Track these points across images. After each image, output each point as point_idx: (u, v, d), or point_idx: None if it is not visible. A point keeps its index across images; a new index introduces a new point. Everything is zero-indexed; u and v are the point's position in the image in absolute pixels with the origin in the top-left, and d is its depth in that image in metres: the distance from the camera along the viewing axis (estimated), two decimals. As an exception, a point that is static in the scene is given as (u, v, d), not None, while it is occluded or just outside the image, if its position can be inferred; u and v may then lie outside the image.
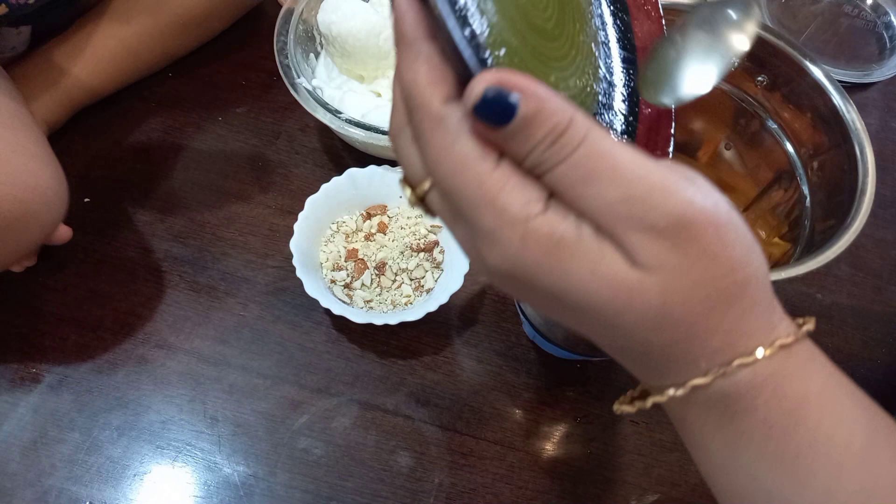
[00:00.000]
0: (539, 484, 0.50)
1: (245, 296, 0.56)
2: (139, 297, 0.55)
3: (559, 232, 0.21)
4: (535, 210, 0.21)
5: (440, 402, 0.53)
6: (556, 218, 0.21)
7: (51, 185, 0.48)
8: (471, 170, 0.21)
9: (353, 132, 0.54)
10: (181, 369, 0.52)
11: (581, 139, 0.20)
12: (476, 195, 0.21)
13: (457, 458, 0.51)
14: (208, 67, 0.69)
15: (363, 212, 0.58)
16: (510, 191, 0.21)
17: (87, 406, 0.50)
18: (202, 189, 0.61)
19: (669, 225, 0.21)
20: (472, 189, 0.21)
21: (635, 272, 0.21)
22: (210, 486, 0.48)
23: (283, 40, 0.58)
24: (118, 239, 0.55)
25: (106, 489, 0.47)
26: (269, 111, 0.67)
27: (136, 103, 0.66)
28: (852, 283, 0.62)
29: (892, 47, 0.77)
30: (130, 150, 0.63)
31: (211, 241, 0.58)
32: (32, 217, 0.46)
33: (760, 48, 0.41)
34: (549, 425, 0.53)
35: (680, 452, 0.53)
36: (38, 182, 0.47)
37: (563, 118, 0.20)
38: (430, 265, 0.56)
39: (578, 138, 0.20)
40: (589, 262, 0.21)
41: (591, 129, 0.20)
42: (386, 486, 0.49)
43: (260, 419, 0.51)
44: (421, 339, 0.55)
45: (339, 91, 0.61)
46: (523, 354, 0.55)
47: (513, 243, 0.21)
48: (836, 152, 0.38)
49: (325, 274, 0.54)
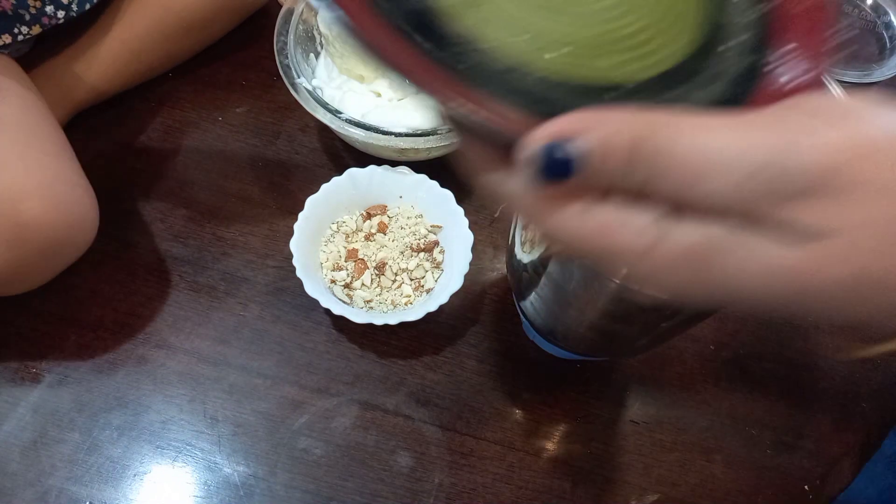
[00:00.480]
0: (539, 484, 0.50)
1: (245, 296, 0.56)
2: (139, 297, 0.55)
3: (700, 241, 0.19)
4: (663, 231, 0.19)
5: (440, 402, 0.53)
6: (690, 228, 0.19)
7: (89, 211, 0.51)
8: (578, 228, 0.20)
9: (353, 132, 0.54)
10: (181, 369, 0.52)
11: (662, 143, 0.18)
12: (601, 247, 0.20)
13: (457, 458, 0.51)
14: (208, 67, 0.69)
15: (363, 212, 0.58)
16: (627, 227, 0.19)
17: (87, 406, 0.50)
18: (202, 189, 0.61)
19: (816, 181, 0.17)
20: (593, 244, 0.20)
21: (806, 250, 0.18)
22: (210, 486, 0.48)
23: (283, 40, 0.58)
24: (118, 239, 0.55)
25: (106, 489, 0.47)
26: (270, 111, 0.67)
27: (137, 103, 0.66)
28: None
29: (892, 47, 0.78)
30: (130, 149, 0.63)
31: (211, 241, 0.59)
32: (72, 241, 0.50)
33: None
34: (550, 425, 0.53)
35: (680, 452, 0.53)
36: (80, 209, 0.50)
37: (626, 135, 0.18)
38: (431, 265, 0.56)
39: (657, 144, 0.18)
40: (752, 259, 0.18)
41: (667, 125, 0.18)
42: (386, 486, 0.49)
43: (260, 419, 0.51)
44: (421, 339, 0.55)
45: (339, 91, 0.61)
46: (523, 354, 0.55)
47: (659, 270, 0.19)
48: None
49: (326, 274, 0.54)
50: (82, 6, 0.55)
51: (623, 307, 0.39)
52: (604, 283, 0.37)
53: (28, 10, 0.51)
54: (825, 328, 0.60)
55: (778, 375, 0.57)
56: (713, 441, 0.53)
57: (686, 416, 0.54)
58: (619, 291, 0.37)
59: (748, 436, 0.54)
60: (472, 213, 0.62)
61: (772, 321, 0.59)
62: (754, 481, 0.52)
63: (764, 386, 0.56)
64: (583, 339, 0.47)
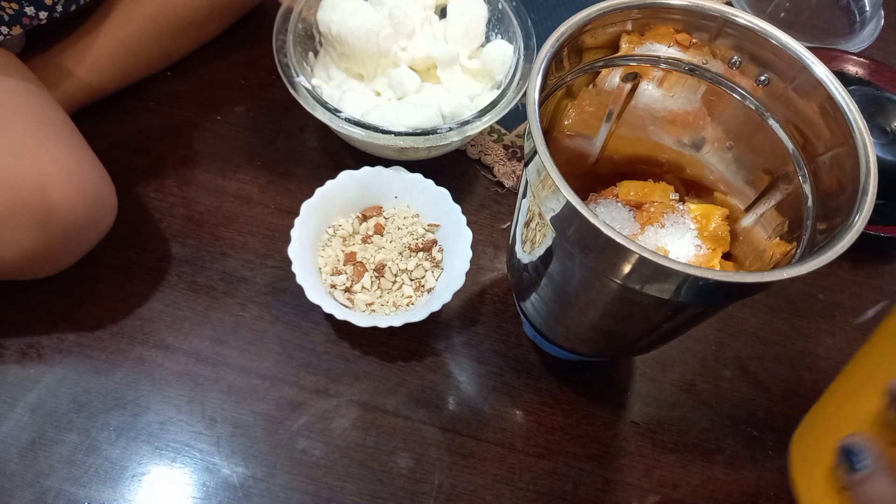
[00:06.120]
0: (539, 485, 0.50)
1: (244, 296, 0.56)
2: (137, 298, 0.55)
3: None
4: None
5: (440, 402, 0.53)
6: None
7: (109, 194, 0.52)
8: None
9: (353, 131, 0.53)
10: (179, 370, 0.52)
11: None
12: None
13: (457, 459, 0.50)
14: (207, 66, 0.69)
15: (359, 214, 0.57)
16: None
17: (85, 407, 0.50)
18: (201, 188, 0.61)
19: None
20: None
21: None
22: (209, 488, 0.48)
23: (282, 39, 0.57)
24: (117, 239, 0.55)
25: (104, 490, 0.47)
26: (269, 110, 0.66)
27: (135, 102, 0.65)
28: (854, 283, 0.62)
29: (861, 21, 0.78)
30: (129, 149, 0.63)
31: (209, 241, 0.58)
32: (95, 224, 0.51)
33: (762, 47, 0.41)
34: (550, 426, 0.53)
35: (681, 453, 0.52)
36: (100, 193, 0.51)
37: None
38: (430, 264, 0.55)
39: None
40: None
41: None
42: (385, 488, 0.49)
43: (259, 420, 0.51)
44: (421, 339, 0.55)
45: (339, 90, 0.61)
46: (524, 355, 0.55)
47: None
48: (838, 151, 0.38)
49: (325, 279, 0.54)
50: (68, 7, 0.54)
51: (624, 307, 0.39)
52: (605, 284, 0.37)
53: (5, 10, 0.50)
54: (826, 328, 0.59)
55: (779, 376, 0.56)
56: (714, 442, 0.53)
57: (687, 417, 0.54)
58: (621, 292, 0.37)
59: (750, 437, 0.54)
60: (471, 211, 0.62)
61: (773, 322, 0.59)
62: (756, 482, 0.52)
63: (765, 387, 0.56)
64: (584, 339, 0.47)
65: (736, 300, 0.51)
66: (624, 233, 0.37)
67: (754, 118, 0.44)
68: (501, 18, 0.64)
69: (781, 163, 0.43)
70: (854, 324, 0.60)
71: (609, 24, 0.42)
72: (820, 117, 0.40)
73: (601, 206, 0.48)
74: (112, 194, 0.53)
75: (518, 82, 0.58)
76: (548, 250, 0.40)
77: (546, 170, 0.33)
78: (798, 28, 0.78)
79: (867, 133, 0.37)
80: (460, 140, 0.57)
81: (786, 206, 0.43)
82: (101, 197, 0.51)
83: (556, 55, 0.38)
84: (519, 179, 0.64)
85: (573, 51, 0.42)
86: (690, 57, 0.44)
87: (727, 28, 0.41)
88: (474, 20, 0.63)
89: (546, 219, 0.36)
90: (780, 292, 0.60)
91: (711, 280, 0.31)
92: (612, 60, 0.44)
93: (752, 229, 0.46)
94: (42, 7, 0.52)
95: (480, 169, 0.65)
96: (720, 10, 0.41)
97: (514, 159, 0.66)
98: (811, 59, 0.39)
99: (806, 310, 0.60)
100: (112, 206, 0.53)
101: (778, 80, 0.42)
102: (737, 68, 0.43)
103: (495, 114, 0.55)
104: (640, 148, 0.50)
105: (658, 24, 0.43)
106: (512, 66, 0.60)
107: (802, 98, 0.40)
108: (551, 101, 0.43)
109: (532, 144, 0.35)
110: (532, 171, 0.36)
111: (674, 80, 0.45)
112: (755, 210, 0.46)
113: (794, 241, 0.40)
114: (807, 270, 0.32)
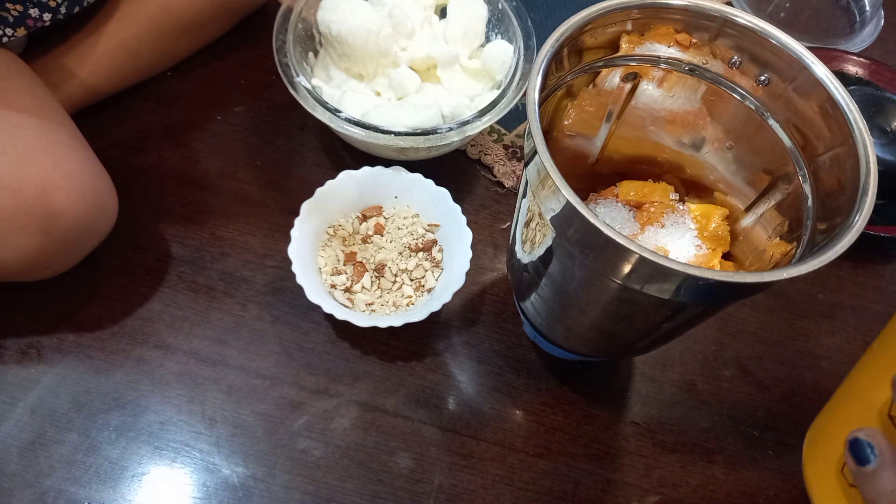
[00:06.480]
0: (539, 485, 0.50)
1: (244, 296, 0.56)
2: (137, 298, 0.55)
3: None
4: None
5: (440, 402, 0.53)
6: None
7: (110, 199, 0.53)
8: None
9: (353, 131, 0.53)
10: (179, 370, 0.52)
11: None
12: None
13: (457, 459, 0.50)
14: (207, 66, 0.69)
15: (359, 214, 0.57)
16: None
17: (85, 407, 0.50)
18: (201, 188, 0.61)
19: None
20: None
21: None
22: (209, 488, 0.48)
23: (282, 39, 0.57)
24: (116, 239, 0.55)
25: (104, 490, 0.47)
26: (269, 110, 0.66)
27: (135, 102, 0.65)
28: (854, 283, 0.62)
29: (861, 21, 0.78)
30: (129, 149, 0.63)
31: (209, 241, 0.58)
32: (97, 227, 0.52)
33: (762, 47, 0.41)
34: (550, 426, 0.52)
35: (681, 453, 0.52)
36: (102, 197, 0.51)
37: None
38: (430, 264, 0.55)
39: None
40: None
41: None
42: (385, 488, 0.49)
43: (259, 420, 0.51)
44: (421, 339, 0.55)
45: (339, 90, 0.61)
46: (524, 355, 0.55)
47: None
48: (838, 151, 0.38)
49: (325, 279, 0.54)
50: (71, 9, 0.54)
51: (624, 307, 0.39)
52: (605, 284, 0.37)
53: (9, 12, 0.51)
54: (826, 328, 0.59)
55: (779, 376, 0.56)
56: (714, 442, 0.53)
57: (687, 417, 0.54)
58: (621, 292, 0.37)
59: (749, 437, 0.54)
60: (471, 211, 0.62)
61: (773, 322, 0.59)
62: (756, 482, 0.52)
63: (765, 387, 0.56)
64: (584, 339, 0.47)
65: (736, 300, 0.51)
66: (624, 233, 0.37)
67: (754, 118, 0.44)
68: (501, 18, 0.64)
69: (781, 163, 0.43)
70: (854, 324, 0.60)
71: (609, 24, 0.42)
72: (820, 117, 0.40)
73: (601, 206, 0.48)
74: (113, 198, 0.53)
75: (518, 82, 0.58)
76: (548, 250, 0.40)
77: (546, 170, 0.33)
78: (798, 28, 0.78)
79: (867, 133, 0.37)
80: (460, 140, 0.57)
81: (786, 206, 0.43)
82: (102, 201, 0.51)
83: (556, 55, 0.38)
84: (519, 179, 0.64)
85: (573, 51, 0.42)
86: (690, 57, 0.44)
87: (727, 28, 0.41)
88: (474, 20, 0.63)
89: (546, 219, 0.36)
90: (780, 292, 0.60)
91: (711, 280, 0.31)
92: (612, 60, 0.44)
93: (752, 229, 0.46)
94: (46, 9, 0.52)
95: (480, 169, 0.65)
96: (720, 10, 0.41)
97: (514, 159, 0.65)
98: (811, 59, 0.39)
99: (806, 310, 0.60)
100: (113, 210, 0.53)
101: (778, 80, 0.42)
102: (737, 68, 0.43)
103: (495, 114, 0.55)
104: (640, 148, 0.50)
105: (658, 24, 0.43)
106: (512, 66, 0.60)
107: (802, 98, 0.40)
108: (551, 101, 0.43)
109: (532, 144, 0.35)
110: (532, 171, 0.36)
111: (674, 80, 0.45)
112: (755, 210, 0.46)
113: (794, 241, 0.40)
114: (807, 270, 0.32)
